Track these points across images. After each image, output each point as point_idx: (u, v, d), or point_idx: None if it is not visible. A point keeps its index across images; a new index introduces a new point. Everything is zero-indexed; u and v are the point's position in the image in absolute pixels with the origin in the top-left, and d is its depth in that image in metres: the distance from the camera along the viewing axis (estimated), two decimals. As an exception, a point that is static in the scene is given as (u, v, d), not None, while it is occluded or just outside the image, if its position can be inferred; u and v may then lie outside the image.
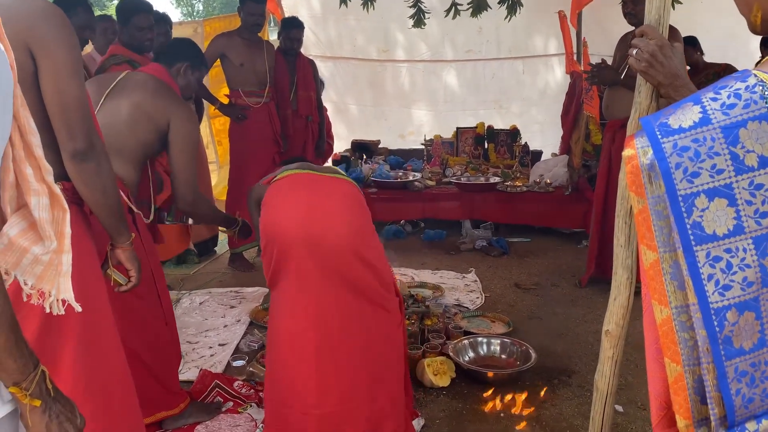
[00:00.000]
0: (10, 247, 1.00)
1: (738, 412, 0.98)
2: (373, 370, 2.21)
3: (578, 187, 5.14)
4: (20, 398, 0.94)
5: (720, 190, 0.96)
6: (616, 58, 3.94)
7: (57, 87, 1.48)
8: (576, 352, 3.21)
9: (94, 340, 1.64)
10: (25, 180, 0.98)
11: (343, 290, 2.17)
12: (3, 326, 0.89)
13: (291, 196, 2.21)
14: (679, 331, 1.02)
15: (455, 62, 6.98)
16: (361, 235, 2.21)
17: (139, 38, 3.49)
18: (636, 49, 1.33)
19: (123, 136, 2.21)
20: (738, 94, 0.96)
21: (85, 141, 1.53)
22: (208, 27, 6.53)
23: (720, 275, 0.97)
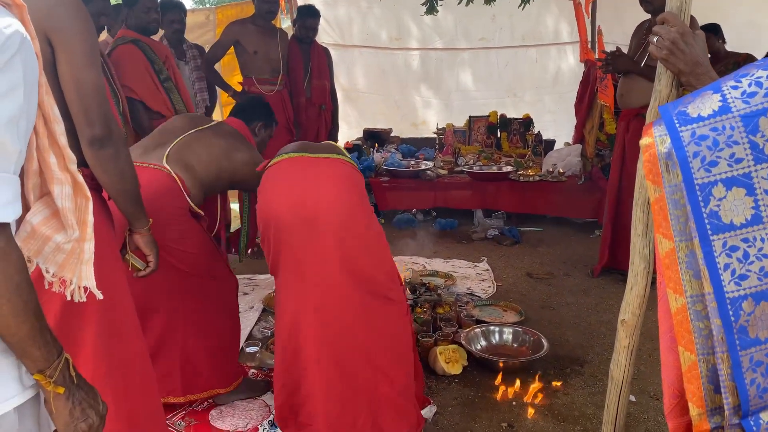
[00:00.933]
0: (32, 235, 1.00)
1: (752, 402, 0.98)
2: (380, 365, 2.18)
3: (591, 176, 5.11)
4: (44, 385, 0.95)
5: (738, 179, 0.95)
6: (631, 47, 3.90)
7: (74, 74, 1.48)
8: (588, 341, 3.20)
9: (113, 325, 1.66)
10: (49, 168, 0.99)
11: (344, 279, 2.10)
12: (28, 315, 0.90)
13: (284, 180, 2.18)
14: (693, 320, 1.02)
15: (468, 50, 6.94)
16: (356, 216, 2.15)
17: (145, 20, 3.53)
18: (657, 36, 1.31)
19: (205, 165, 2.41)
20: (759, 82, 0.95)
21: (103, 127, 1.54)
22: (220, 14, 6.53)
23: (736, 265, 0.96)
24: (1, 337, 0.91)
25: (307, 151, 2.29)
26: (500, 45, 6.79)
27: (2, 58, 0.83)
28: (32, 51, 0.90)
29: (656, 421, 2.49)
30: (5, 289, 0.87)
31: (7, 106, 0.84)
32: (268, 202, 2.16)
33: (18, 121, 0.86)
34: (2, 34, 0.84)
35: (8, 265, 0.87)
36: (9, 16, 0.87)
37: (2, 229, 0.86)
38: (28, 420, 0.98)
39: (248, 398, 2.60)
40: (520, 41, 6.73)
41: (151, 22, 3.57)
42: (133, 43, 3.49)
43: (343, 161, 2.28)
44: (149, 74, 3.52)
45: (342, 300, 2.11)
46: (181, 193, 2.31)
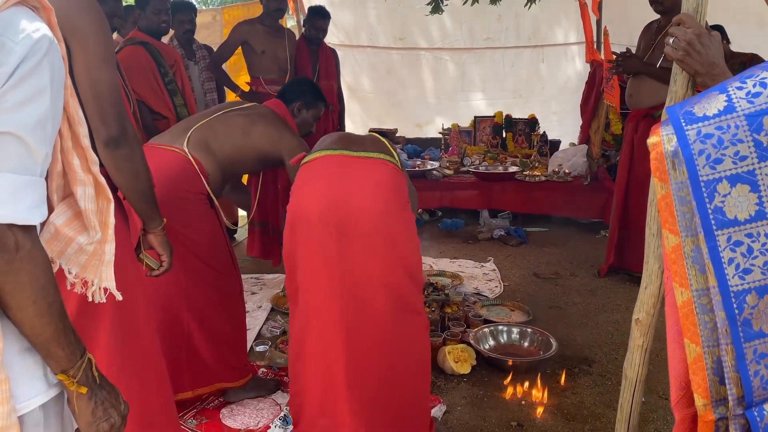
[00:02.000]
0: (56, 236, 1.01)
1: (756, 393, 1.01)
2: (404, 383, 2.07)
3: (597, 176, 5.12)
4: (68, 385, 0.96)
5: (742, 176, 0.97)
6: (640, 47, 3.90)
7: (89, 75, 1.49)
8: (596, 341, 3.21)
9: (127, 324, 1.68)
10: (72, 170, 1.00)
11: (375, 292, 1.97)
12: (53, 316, 0.91)
13: (318, 180, 2.04)
14: (699, 314, 1.04)
15: (473, 50, 6.94)
16: (393, 227, 1.98)
17: (155, 22, 3.55)
18: (673, 38, 1.32)
19: (221, 144, 2.40)
20: (764, 83, 0.98)
21: (118, 128, 1.55)
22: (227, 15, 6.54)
23: (740, 259, 0.98)
24: (27, 338, 0.92)
25: (349, 147, 2.12)
26: (506, 45, 6.78)
27: (31, 62, 0.84)
28: (59, 54, 0.91)
29: (665, 420, 2.50)
30: (31, 291, 0.88)
31: (35, 109, 0.85)
32: (298, 204, 2.03)
33: (45, 125, 0.87)
34: (31, 38, 0.85)
35: (34, 266, 0.88)
36: (37, 19, 0.88)
37: (28, 232, 0.87)
38: (52, 418, 0.99)
39: (258, 397, 2.61)
40: (526, 41, 6.72)
41: (162, 23, 3.59)
42: (143, 46, 3.50)
43: (385, 162, 2.08)
44: (154, 77, 3.55)
45: (373, 316, 1.99)
46: (197, 176, 2.31)
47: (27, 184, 0.85)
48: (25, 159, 0.85)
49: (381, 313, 1.98)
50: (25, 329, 0.90)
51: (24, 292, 0.87)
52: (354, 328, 1.98)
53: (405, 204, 2.06)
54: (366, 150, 2.11)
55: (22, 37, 0.84)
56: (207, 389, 2.48)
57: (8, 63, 0.82)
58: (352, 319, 1.98)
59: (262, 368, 2.87)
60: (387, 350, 2.01)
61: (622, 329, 3.28)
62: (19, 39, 0.83)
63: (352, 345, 1.99)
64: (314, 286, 2.02)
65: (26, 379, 0.94)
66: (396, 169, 2.10)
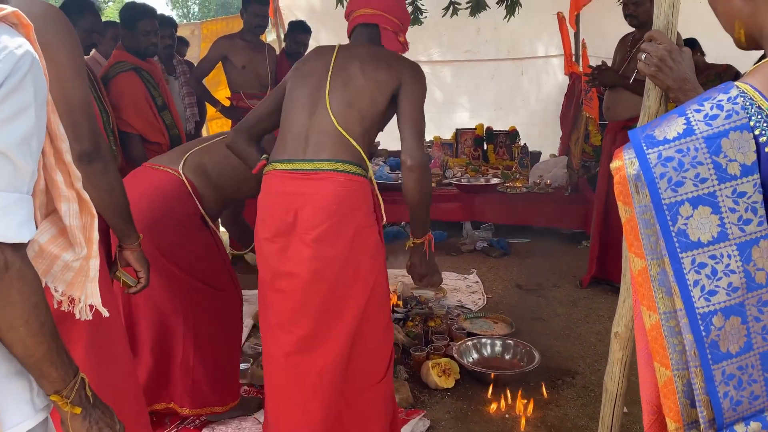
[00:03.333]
0: (40, 254, 1.00)
1: (726, 415, 1.01)
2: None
3: (578, 187, 5.17)
4: (61, 406, 0.95)
5: (704, 198, 0.99)
6: (615, 60, 3.96)
7: (62, 90, 1.47)
8: (579, 352, 3.22)
9: (103, 343, 1.65)
10: (56, 187, 0.99)
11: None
12: (45, 335, 0.89)
13: (265, 213, 1.97)
14: (667, 336, 1.05)
15: (453, 63, 7.00)
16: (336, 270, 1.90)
17: (144, 43, 3.49)
18: (645, 53, 1.35)
19: (219, 169, 2.40)
20: (720, 105, 0.99)
21: (91, 142, 1.53)
22: (205, 29, 6.54)
23: (705, 281, 0.99)
24: (18, 359, 0.90)
25: (303, 156, 1.94)
26: (485, 58, 6.85)
27: (15, 79, 0.84)
28: (41, 70, 0.90)
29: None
30: (23, 310, 0.86)
31: (20, 126, 0.84)
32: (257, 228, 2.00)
33: (30, 141, 0.86)
34: (14, 54, 0.84)
35: (25, 285, 0.87)
36: (18, 36, 0.88)
37: (18, 250, 0.86)
38: None
39: (240, 416, 2.58)
40: (506, 54, 6.80)
41: (150, 45, 3.53)
42: (135, 72, 3.44)
43: (336, 177, 1.90)
44: (149, 105, 3.48)
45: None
46: (190, 197, 2.30)
47: (15, 202, 0.84)
48: (12, 176, 0.84)
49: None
50: (17, 350, 0.89)
51: (15, 311, 0.86)
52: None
53: (353, 218, 1.93)
54: (315, 160, 1.93)
55: (6, 54, 0.83)
56: (196, 411, 2.44)
57: None
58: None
59: (244, 386, 2.84)
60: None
61: (604, 340, 3.30)
62: (2, 56, 0.83)
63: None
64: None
65: (14, 403, 0.92)
66: (346, 182, 1.91)
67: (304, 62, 2.15)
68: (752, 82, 1.01)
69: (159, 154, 3.58)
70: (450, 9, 4.60)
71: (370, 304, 1.95)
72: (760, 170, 0.98)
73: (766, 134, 0.98)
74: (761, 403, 1.02)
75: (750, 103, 0.99)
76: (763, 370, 1.01)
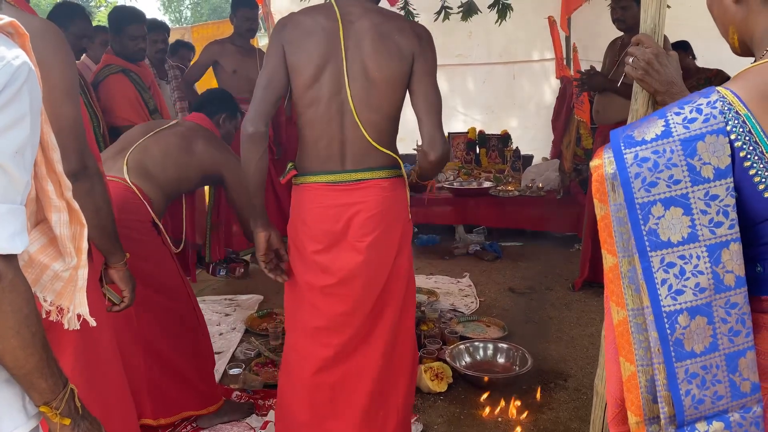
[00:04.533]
0: (30, 264, 0.99)
1: (687, 412, 1.03)
2: None
3: (570, 191, 5.18)
4: (51, 417, 0.94)
5: (676, 199, 1.00)
6: (605, 64, 3.98)
7: (51, 108, 1.45)
8: (571, 355, 3.23)
9: (91, 353, 1.64)
10: (47, 196, 0.98)
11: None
12: (36, 347, 0.89)
13: (314, 228, 1.95)
14: (634, 333, 1.07)
15: (445, 66, 6.99)
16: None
17: (132, 47, 3.49)
18: (632, 57, 1.36)
19: (162, 166, 2.37)
20: (699, 109, 1.01)
21: (77, 162, 1.51)
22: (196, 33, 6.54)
23: (673, 280, 1.01)
24: (8, 370, 0.90)
25: (340, 173, 1.93)
26: (477, 62, 6.86)
27: (12, 89, 0.83)
28: (36, 80, 0.90)
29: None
30: (14, 322, 0.86)
31: (16, 136, 0.84)
32: (300, 240, 1.99)
33: (24, 152, 0.86)
34: (11, 65, 0.84)
35: (17, 296, 0.86)
36: (14, 46, 0.88)
37: (10, 261, 0.86)
38: None
39: (232, 421, 2.57)
40: (497, 58, 6.81)
41: (139, 49, 3.53)
42: (123, 73, 3.45)
43: (378, 187, 1.93)
44: (140, 105, 3.50)
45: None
46: (141, 204, 2.27)
47: (8, 212, 0.84)
48: (6, 187, 0.83)
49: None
50: (7, 361, 0.88)
51: (7, 322, 0.85)
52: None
53: (399, 230, 2.02)
54: (359, 171, 1.94)
55: (3, 65, 0.83)
56: (170, 419, 2.43)
57: None
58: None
59: (236, 391, 2.83)
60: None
61: (597, 343, 3.30)
62: (0, 66, 0.83)
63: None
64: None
65: (6, 411, 0.92)
66: (393, 184, 1.97)
67: (304, 37, 1.87)
68: (733, 87, 1.03)
69: None
70: (442, 13, 4.61)
71: (408, 295, 2.06)
72: (734, 174, 1.00)
73: (741, 139, 0.99)
74: (725, 404, 1.03)
75: (728, 108, 1.00)
76: (729, 371, 1.02)
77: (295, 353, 2.06)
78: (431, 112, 1.87)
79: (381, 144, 1.91)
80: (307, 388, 2.02)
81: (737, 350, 1.02)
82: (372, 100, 1.87)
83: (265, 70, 1.90)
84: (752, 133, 1.00)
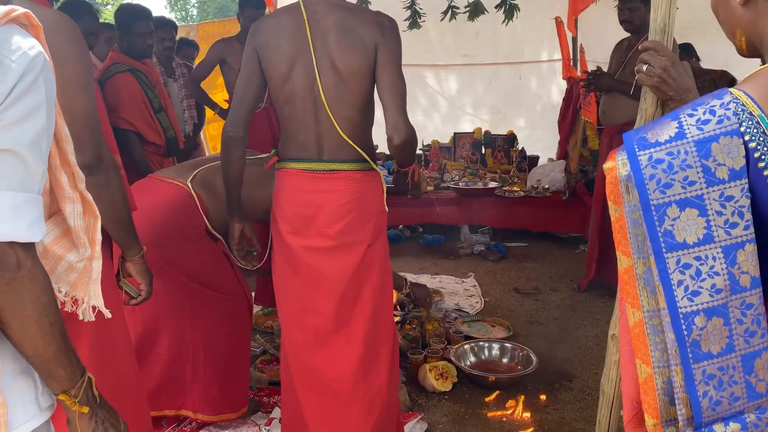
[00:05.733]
0: (45, 255, 1.00)
1: (705, 414, 1.03)
2: None
3: (576, 192, 5.17)
4: (69, 405, 0.95)
5: (691, 200, 1.00)
6: (612, 64, 3.97)
7: (65, 100, 1.46)
8: (576, 356, 3.22)
9: (106, 346, 1.64)
10: (60, 188, 0.99)
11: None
12: (55, 335, 0.90)
13: (287, 210, 2.05)
14: (650, 334, 1.07)
15: (451, 66, 7.01)
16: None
17: (139, 45, 3.49)
18: (646, 65, 1.34)
19: None
20: (713, 110, 1.01)
21: (93, 154, 1.52)
22: (201, 31, 6.54)
23: (689, 281, 1.01)
24: (28, 359, 0.91)
25: (317, 156, 2.01)
26: (484, 62, 6.86)
27: (28, 79, 0.84)
28: (51, 71, 0.91)
29: (645, 435, 2.50)
30: (33, 310, 0.87)
31: (32, 126, 0.85)
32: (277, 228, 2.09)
33: (41, 141, 0.87)
34: (27, 55, 0.85)
35: (35, 285, 0.87)
36: (30, 37, 0.88)
37: (29, 250, 0.87)
38: None
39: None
40: (504, 58, 6.80)
41: (146, 47, 3.53)
42: (130, 72, 3.45)
43: (353, 175, 2.01)
44: (145, 105, 3.49)
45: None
46: (197, 212, 2.33)
47: (26, 202, 0.85)
48: (24, 176, 0.84)
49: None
50: (27, 349, 0.89)
51: (26, 311, 0.86)
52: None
53: (369, 218, 2.08)
54: (330, 161, 2.02)
55: (19, 55, 0.84)
56: (209, 418, 2.46)
57: (6, 81, 0.82)
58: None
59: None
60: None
61: (602, 344, 3.29)
62: (16, 57, 0.84)
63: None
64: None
65: (20, 403, 0.92)
66: (362, 178, 2.03)
67: (273, 38, 1.95)
68: (746, 89, 1.03)
69: (156, 155, 3.59)
70: (449, 13, 4.61)
71: (384, 284, 2.10)
72: (749, 175, 1.00)
73: (755, 140, 0.99)
74: (741, 405, 1.03)
75: (742, 110, 1.00)
76: (745, 372, 1.02)
77: (285, 338, 2.15)
78: (395, 98, 1.91)
79: (354, 137, 1.98)
80: (296, 373, 2.10)
81: (753, 351, 1.02)
82: (342, 94, 1.94)
83: (242, 75, 2.01)
84: (766, 134, 1.00)
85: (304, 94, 1.95)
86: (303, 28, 1.93)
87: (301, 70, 1.93)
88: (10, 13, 0.85)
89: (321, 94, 1.93)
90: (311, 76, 1.93)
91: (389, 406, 2.14)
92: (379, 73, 1.92)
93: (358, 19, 1.93)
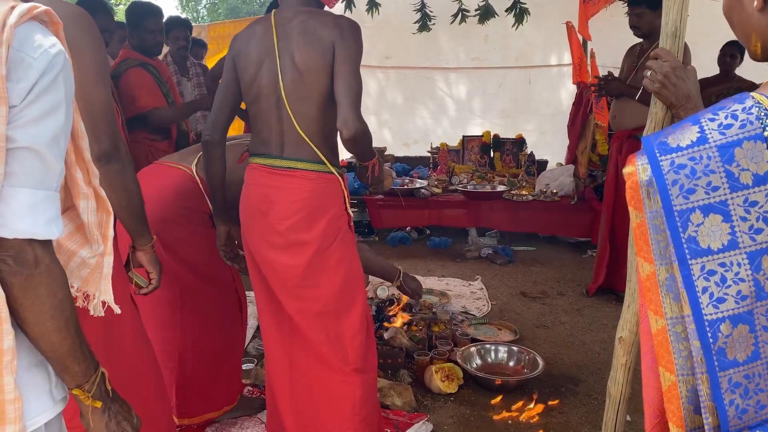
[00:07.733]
0: (58, 250, 1.01)
1: (732, 423, 1.01)
2: None
3: (584, 196, 5.16)
4: (83, 400, 0.97)
5: (715, 206, 0.99)
6: (623, 69, 3.97)
7: (84, 92, 1.48)
8: (583, 360, 3.22)
9: (114, 339, 1.66)
10: (75, 183, 1.00)
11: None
12: (70, 331, 0.91)
13: (244, 202, 2.15)
14: (673, 342, 1.05)
15: (461, 70, 7.01)
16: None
17: (149, 41, 3.53)
18: (650, 70, 1.38)
19: (230, 170, 2.30)
20: (735, 114, 1.00)
21: (110, 143, 1.55)
22: (212, 31, 6.56)
23: (714, 288, 0.99)
24: (43, 353, 0.92)
25: (278, 153, 2.07)
26: (493, 65, 6.86)
27: (49, 77, 0.85)
28: (70, 68, 0.92)
29: (651, 440, 2.49)
30: (50, 306, 0.88)
31: (52, 123, 0.86)
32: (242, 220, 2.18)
33: (59, 139, 0.88)
34: (48, 53, 0.86)
35: (52, 281, 0.88)
36: (50, 34, 0.89)
37: (47, 247, 0.88)
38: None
39: (244, 416, 2.59)
40: (513, 62, 6.80)
41: (156, 43, 3.57)
42: (142, 66, 3.49)
43: (308, 175, 2.05)
44: (160, 94, 3.55)
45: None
46: (201, 195, 2.34)
47: (45, 199, 0.86)
48: (43, 174, 0.85)
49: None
50: (43, 344, 0.90)
51: (43, 306, 0.87)
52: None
53: (325, 217, 2.08)
54: (290, 158, 2.07)
55: (41, 53, 0.85)
56: (192, 421, 2.45)
57: (28, 78, 0.83)
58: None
59: (248, 386, 2.85)
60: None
61: (608, 349, 3.29)
62: (38, 54, 0.84)
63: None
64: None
65: (34, 395, 0.94)
66: (316, 176, 2.05)
67: (244, 45, 2.08)
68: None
69: (166, 153, 3.62)
70: (458, 16, 4.62)
71: (343, 291, 2.09)
72: None
73: None
74: (767, 413, 1.02)
75: (765, 114, 0.99)
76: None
77: (261, 327, 2.24)
78: (348, 94, 1.96)
79: (312, 135, 2.03)
80: (269, 362, 2.20)
81: None
82: (301, 91, 2.01)
83: (221, 83, 2.15)
84: None
85: (268, 92, 2.04)
86: (270, 32, 2.06)
87: (266, 70, 2.04)
88: (32, 10, 0.86)
89: (282, 92, 2.01)
90: (274, 74, 2.03)
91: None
92: (336, 69, 1.99)
93: (319, 21, 2.02)
